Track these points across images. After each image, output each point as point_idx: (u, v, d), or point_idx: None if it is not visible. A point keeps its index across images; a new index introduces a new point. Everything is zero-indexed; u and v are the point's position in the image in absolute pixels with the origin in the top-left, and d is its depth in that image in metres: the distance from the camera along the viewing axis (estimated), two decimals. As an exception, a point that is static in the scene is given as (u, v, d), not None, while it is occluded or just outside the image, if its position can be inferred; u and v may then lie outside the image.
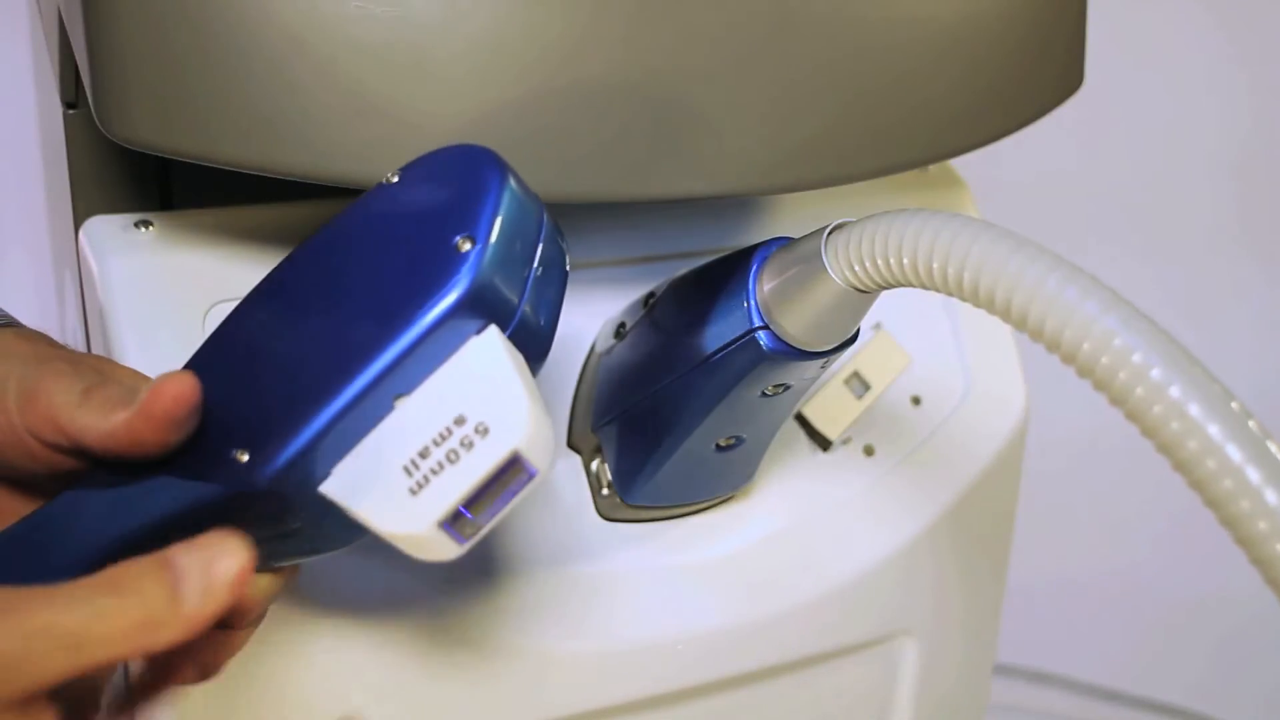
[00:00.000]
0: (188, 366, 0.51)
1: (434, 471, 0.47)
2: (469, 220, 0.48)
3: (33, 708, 0.43)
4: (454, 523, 0.47)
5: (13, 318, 0.54)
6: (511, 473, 0.47)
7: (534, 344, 0.50)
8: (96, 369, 0.50)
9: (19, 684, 0.42)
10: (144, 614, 0.43)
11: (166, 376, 0.47)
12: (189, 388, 0.47)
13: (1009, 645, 0.93)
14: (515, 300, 0.48)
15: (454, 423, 0.47)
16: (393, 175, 0.51)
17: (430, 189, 0.50)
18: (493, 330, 0.48)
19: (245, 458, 0.47)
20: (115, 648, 0.43)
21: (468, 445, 0.46)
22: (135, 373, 0.51)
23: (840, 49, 0.60)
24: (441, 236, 0.48)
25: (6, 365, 0.50)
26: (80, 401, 0.48)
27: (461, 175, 0.50)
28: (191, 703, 0.61)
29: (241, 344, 0.51)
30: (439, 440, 0.47)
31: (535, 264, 0.49)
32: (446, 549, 0.47)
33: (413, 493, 0.47)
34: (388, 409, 0.48)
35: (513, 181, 0.49)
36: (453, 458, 0.47)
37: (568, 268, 0.51)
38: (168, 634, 0.44)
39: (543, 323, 0.50)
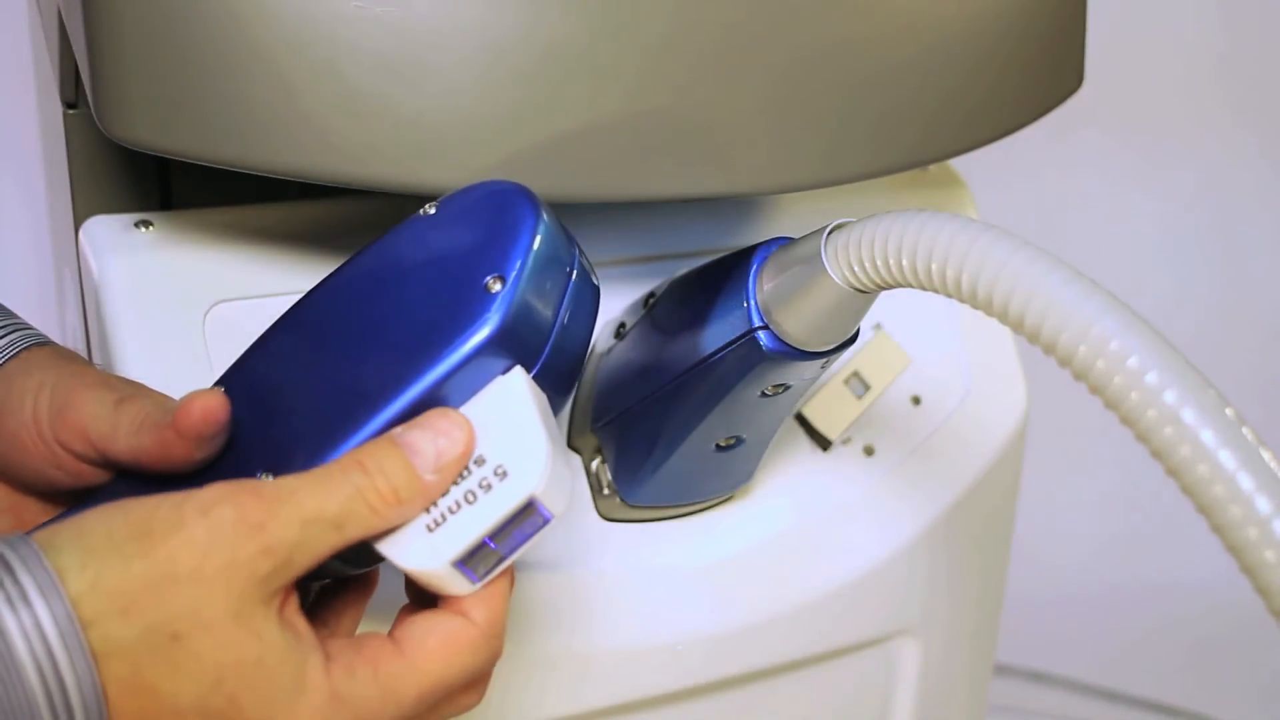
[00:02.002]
0: (218, 384, 0.52)
1: (451, 510, 0.48)
2: (500, 260, 0.49)
3: (291, 599, 0.46)
4: (468, 561, 0.48)
5: (45, 336, 0.55)
6: (526, 516, 0.48)
7: (560, 383, 0.51)
8: (128, 384, 0.52)
9: (299, 567, 0.45)
10: (390, 488, 0.46)
11: (197, 393, 0.48)
12: (218, 405, 0.48)
13: (1009, 645, 0.93)
14: (543, 341, 0.49)
15: (474, 463, 0.48)
16: (430, 207, 0.52)
17: (465, 225, 0.51)
18: (518, 371, 0.49)
19: (269, 480, 0.48)
20: (370, 523, 0.46)
21: (486, 487, 0.48)
22: (164, 395, 0.52)
23: (840, 49, 0.60)
24: (472, 275, 0.49)
25: (39, 378, 0.51)
26: (112, 413, 0.50)
27: (496, 213, 0.50)
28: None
29: (272, 366, 0.52)
30: (459, 480, 0.48)
31: (565, 304, 0.50)
32: (460, 586, 0.48)
33: (430, 530, 0.48)
34: None
35: (546, 221, 0.50)
36: (470, 499, 0.48)
37: (598, 308, 0.52)
38: (411, 507, 0.47)
39: (570, 363, 0.51)
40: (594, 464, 0.66)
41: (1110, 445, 0.97)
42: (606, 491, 0.66)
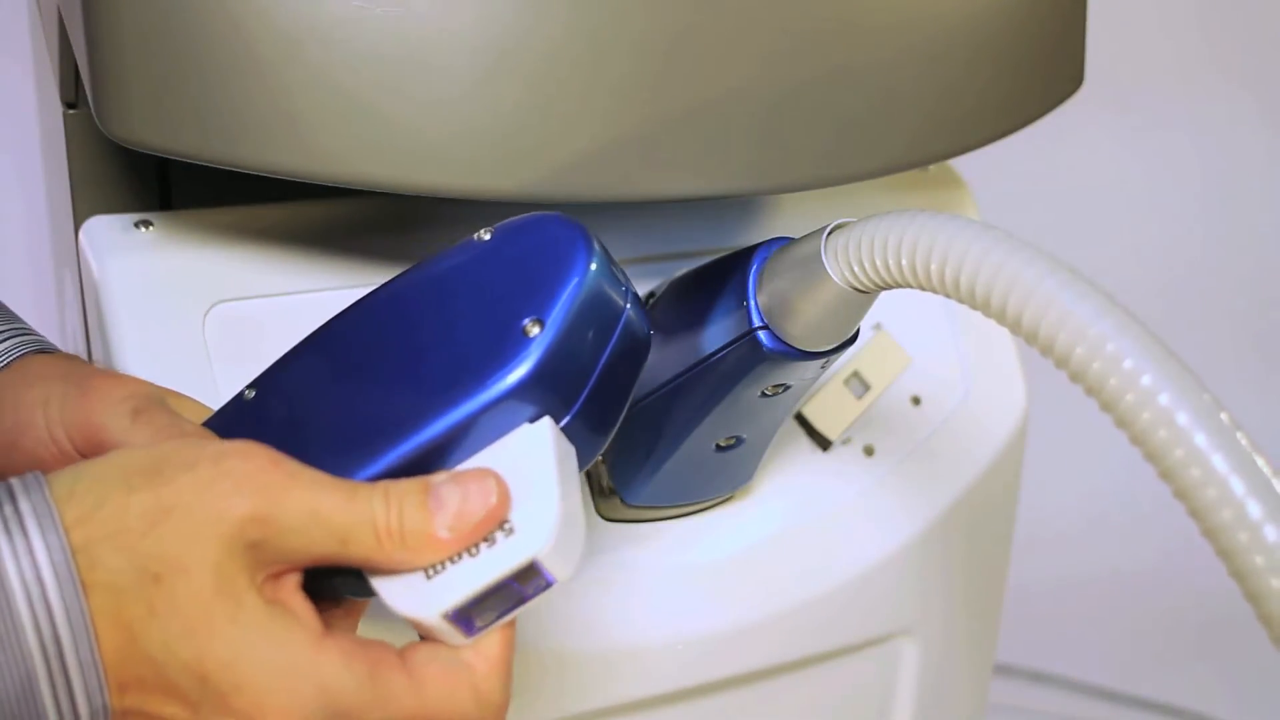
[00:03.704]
0: (251, 385, 0.51)
1: (453, 560, 0.46)
2: (542, 303, 0.47)
3: (287, 577, 0.45)
4: (462, 614, 0.46)
5: (45, 341, 0.55)
6: (529, 577, 0.46)
7: (594, 434, 0.49)
8: (135, 385, 0.51)
9: (289, 554, 0.44)
10: (400, 530, 0.45)
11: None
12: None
13: (1009, 645, 0.93)
14: (577, 392, 0.48)
15: None
16: (485, 232, 0.50)
17: (515, 258, 0.49)
18: (545, 423, 0.47)
19: (297, 463, 0.47)
20: (371, 552, 0.45)
21: (490, 541, 0.46)
22: (169, 391, 0.52)
23: (840, 49, 0.60)
24: (512, 315, 0.47)
25: (45, 388, 0.51)
26: (129, 425, 0.49)
27: (548, 251, 0.48)
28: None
29: (304, 377, 0.51)
30: None
31: (607, 355, 0.48)
32: (453, 638, 0.47)
33: (427, 576, 0.46)
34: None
35: (596, 269, 0.48)
36: (473, 551, 0.46)
37: (645, 358, 0.50)
38: (417, 556, 0.45)
39: (606, 414, 0.49)
40: (594, 464, 0.66)
41: (1110, 445, 0.97)
42: (606, 491, 0.66)
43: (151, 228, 0.62)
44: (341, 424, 0.49)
